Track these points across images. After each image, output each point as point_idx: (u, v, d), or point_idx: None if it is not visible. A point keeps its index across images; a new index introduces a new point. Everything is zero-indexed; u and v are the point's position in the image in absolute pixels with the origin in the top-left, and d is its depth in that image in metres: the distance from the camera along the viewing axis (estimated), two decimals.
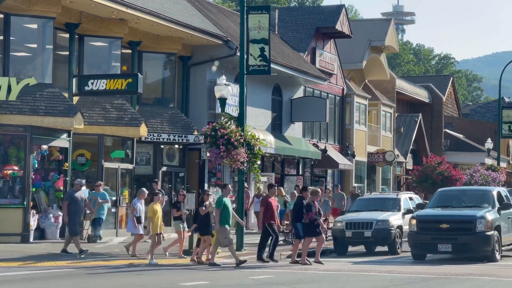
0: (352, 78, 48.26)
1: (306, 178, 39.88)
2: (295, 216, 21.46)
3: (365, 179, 46.76)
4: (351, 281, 17.23)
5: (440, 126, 60.64)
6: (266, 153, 29.93)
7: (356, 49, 46.93)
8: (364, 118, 46.05)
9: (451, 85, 67.64)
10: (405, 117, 55.28)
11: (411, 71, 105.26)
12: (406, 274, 18.97)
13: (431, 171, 43.37)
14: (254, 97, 34.16)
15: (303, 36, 41.08)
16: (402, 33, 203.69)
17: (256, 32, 25.99)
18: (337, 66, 43.29)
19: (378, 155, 46.96)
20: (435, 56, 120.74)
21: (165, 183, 31.03)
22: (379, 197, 28.98)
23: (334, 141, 43.31)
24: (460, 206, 24.06)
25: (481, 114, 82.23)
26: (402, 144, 53.10)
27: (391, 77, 52.55)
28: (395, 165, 50.54)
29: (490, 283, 17.26)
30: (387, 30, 49.12)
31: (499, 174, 46.76)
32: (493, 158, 55.40)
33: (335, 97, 43.19)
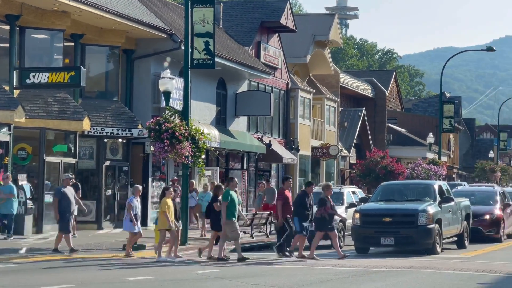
0: (297, 72, 48.43)
1: (251, 172, 39.92)
2: (294, 211, 21.17)
3: (309, 173, 47.02)
4: (295, 275, 17.30)
5: (383, 120, 61.32)
6: (210, 147, 29.89)
7: (300, 44, 47.10)
8: (308, 112, 46.28)
9: (394, 80, 68.45)
10: (349, 112, 55.73)
11: (355, 66, 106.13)
12: (350, 267, 19.13)
13: (374, 165, 43.86)
14: (198, 91, 34.05)
15: (248, 30, 41.07)
16: (346, 28, 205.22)
17: (201, 25, 25.89)
18: (281, 60, 43.39)
19: (322, 149, 47.25)
20: (379, 51, 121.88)
21: (108, 177, 30.74)
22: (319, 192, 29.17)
23: (279, 135, 43.44)
24: (402, 200, 24.39)
25: (423, 108, 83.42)
26: (346, 138, 53.53)
27: (335, 71, 52.90)
28: (339, 159, 50.94)
29: (431, 276, 17.50)
30: (331, 24, 49.41)
31: (440, 168, 47.46)
32: (435, 152, 56.23)
33: (279, 91, 43.30)
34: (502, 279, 17.30)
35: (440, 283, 16.39)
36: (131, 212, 21.45)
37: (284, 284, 15.69)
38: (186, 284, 15.56)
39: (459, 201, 25.87)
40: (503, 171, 77.97)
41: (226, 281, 16.06)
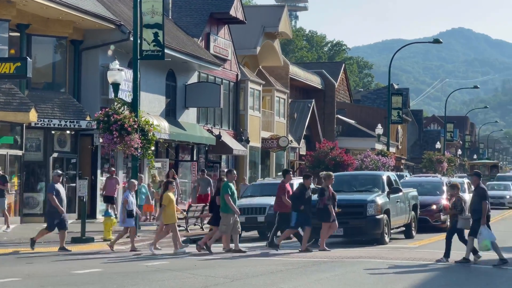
0: (246, 64, 48.43)
1: (201, 163, 39.83)
2: (292, 204, 20.85)
3: (259, 165, 47.11)
4: (246, 266, 17.33)
5: (332, 112, 61.69)
6: (160, 139, 29.72)
7: (250, 35, 47.10)
8: (258, 104, 46.33)
9: (343, 72, 68.88)
10: (299, 103, 55.94)
11: (304, 58, 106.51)
12: (300, 258, 19.25)
13: (324, 156, 44.07)
14: (148, 82, 33.82)
15: (197, 21, 40.91)
16: (296, 20, 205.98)
17: (150, 16, 25.73)
18: (231, 52, 43.33)
19: (272, 140, 47.36)
20: (328, 43, 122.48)
21: (56, 170, 30.38)
22: (272, 183, 29.20)
23: (229, 127, 43.41)
24: (351, 190, 24.59)
25: (372, 100, 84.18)
26: (295, 130, 53.73)
27: (284, 63, 53.02)
28: (288, 150, 51.12)
29: (379, 265, 17.70)
30: (280, 16, 49.48)
31: (388, 159, 47.92)
32: (383, 144, 56.79)
33: (229, 82, 43.26)
34: (447, 267, 17.57)
35: (388, 272, 16.59)
36: (125, 207, 21.30)
37: (234, 275, 15.71)
38: (135, 276, 15.48)
39: (407, 191, 26.18)
40: (449, 161, 79.12)
41: (176, 273, 16.02)
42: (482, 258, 18.73)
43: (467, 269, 17.38)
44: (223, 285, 14.28)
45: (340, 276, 15.82)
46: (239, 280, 15.04)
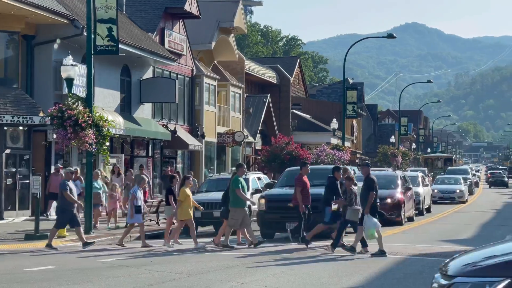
0: (201, 59, 48.31)
1: (156, 159, 39.66)
2: (326, 199, 20.42)
3: (215, 160, 47.06)
4: (202, 261, 17.32)
5: (288, 106, 61.85)
6: (115, 135, 29.52)
7: (205, 30, 46.97)
8: (213, 99, 46.26)
9: (298, 67, 69.10)
10: (254, 98, 55.97)
11: (260, 53, 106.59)
12: (256, 252, 19.27)
13: (280, 151, 44.17)
14: (102, 77, 33.55)
15: (152, 16, 40.67)
16: (250, 15, 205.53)
17: (104, 11, 25.51)
18: (186, 47, 43.19)
19: (227, 135, 47.34)
20: (283, 37, 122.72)
21: (9, 166, 29.99)
22: (228, 178, 29.20)
23: (184, 122, 43.27)
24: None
25: (327, 95, 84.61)
26: (251, 125, 53.77)
27: (240, 58, 53.01)
28: (244, 145, 51.15)
29: (336, 258, 17.82)
30: (235, 11, 49.44)
31: (343, 153, 48.20)
32: (338, 138, 57.13)
33: (184, 78, 43.11)
34: (402, 260, 17.76)
35: (344, 265, 16.70)
36: (133, 203, 21.14)
37: (189, 270, 15.68)
38: (90, 272, 15.36)
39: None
40: (404, 155, 79.91)
41: (131, 269, 15.94)
42: (426, 251, 18.96)
43: (423, 262, 17.57)
44: (179, 281, 14.24)
45: (296, 270, 15.89)
46: (195, 275, 15.02)
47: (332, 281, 14.40)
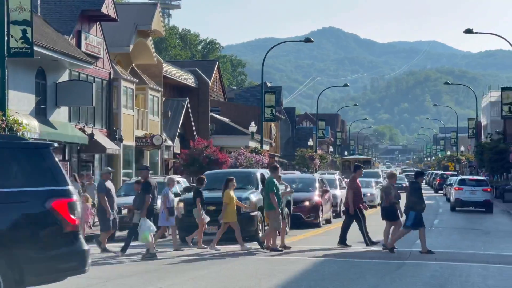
0: (119, 62, 47.85)
1: (73, 163, 39.09)
2: (413, 203, 20.06)
3: (133, 163, 46.67)
4: (121, 266, 17.16)
5: (206, 110, 61.83)
6: (30, 138, 28.90)
7: (122, 33, 46.54)
8: (131, 102, 45.87)
9: (216, 70, 69.14)
10: (173, 102, 55.76)
11: (178, 56, 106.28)
12: (175, 256, 19.21)
13: (198, 154, 44.11)
14: (16, 80, 32.87)
15: (68, 18, 40.07)
16: (169, 18, 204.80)
17: (17, 13, 25.04)
18: (103, 49, 42.70)
19: (146, 139, 47.01)
20: (201, 41, 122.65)
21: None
22: None
23: (102, 126, 42.78)
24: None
25: (245, 98, 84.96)
26: (169, 128, 53.54)
27: (158, 61, 52.73)
28: (163, 149, 50.89)
29: (254, 261, 17.93)
30: (153, 14, 49.15)
31: (262, 156, 48.48)
32: (257, 141, 57.42)
33: (102, 81, 42.63)
34: (320, 262, 17.97)
35: (263, 268, 16.81)
36: (166, 205, 20.66)
37: (108, 275, 15.52)
38: None
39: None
40: (321, 158, 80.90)
41: None
42: (357, 250, 19.26)
43: (339, 263, 17.83)
44: (97, 286, 14.09)
45: (214, 274, 15.91)
46: (113, 280, 14.88)
47: (250, 284, 14.48)
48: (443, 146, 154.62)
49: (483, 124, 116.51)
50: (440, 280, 15.44)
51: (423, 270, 16.79)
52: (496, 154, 53.99)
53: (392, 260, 18.38)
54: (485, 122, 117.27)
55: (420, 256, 19.42)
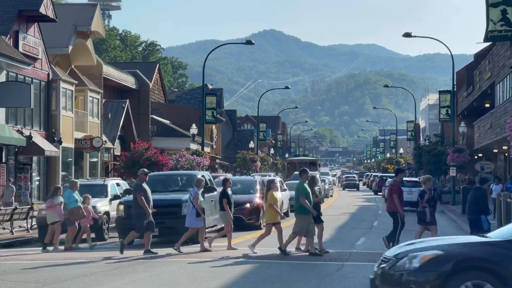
0: (58, 63, 47.24)
1: (10, 165, 38.44)
2: (482, 208, 19.93)
3: (72, 166, 46.11)
4: (59, 269, 16.94)
5: (147, 112, 61.48)
6: None
7: (61, 34, 45.96)
8: (70, 104, 45.31)
9: (157, 72, 68.80)
10: (113, 103, 55.28)
11: (118, 57, 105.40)
12: (115, 259, 19.04)
13: (139, 156, 43.83)
14: None
15: (5, 18, 39.38)
16: (109, 19, 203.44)
17: None
18: (42, 50, 42.10)
19: (85, 141, 46.50)
20: (142, 42, 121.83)
21: None
22: (86, 184, 28.74)
23: (40, 127, 42.17)
24: (166, 190, 24.64)
25: (186, 100, 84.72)
26: (110, 130, 53.06)
27: (98, 63, 52.21)
28: (103, 151, 50.41)
29: (195, 264, 17.86)
30: (93, 15, 48.66)
31: (203, 158, 48.39)
32: (198, 143, 57.27)
33: (40, 82, 42.02)
34: (260, 264, 18.00)
35: (203, 270, 16.77)
36: (198, 205, 20.42)
37: (46, 279, 15.31)
38: None
39: None
40: (262, 160, 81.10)
41: None
42: (302, 253, 19.34)
43: (281, 265, 17.88)
44: None
45: (155, 277, 15.81)
46: (51, 284, 14.67)
47: (190, 287, 14.42)
48: (383, 148, 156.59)
49: (422, 126, 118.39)
50: None
51: (363, 271, 16.95)
52: (434, 157, 54.83)
53: (332, 262, 18.52)
54: (423, 124, 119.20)
55: (359, 257, 19.61)
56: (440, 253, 11.08)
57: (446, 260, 10.97)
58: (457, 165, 47.89)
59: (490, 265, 10.91)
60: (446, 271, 10.87)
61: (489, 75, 47.87)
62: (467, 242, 11.67)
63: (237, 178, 36.65)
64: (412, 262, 11.09)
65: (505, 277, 10.81)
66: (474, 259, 11.03)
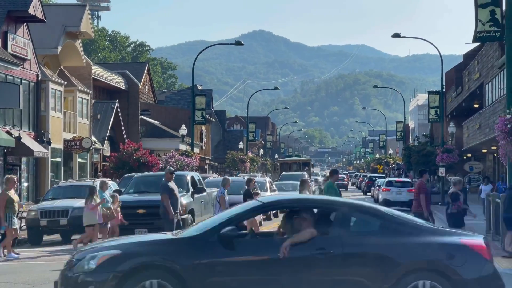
0: (47, 64, 47.14)
1: None
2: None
3: (61, 167, 46.02)
4: (46, 271, 16.90)
5: (136, 112, 61.42)
6: None
7: (51, 35, 45.86)
8: (60, 104, 45.23)
9: (147, 72, 68.74)
10: (102, 104, 55.19)
11: (108, 58, 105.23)
12: None
13: (128, 157, 43.76)
14: None
15: None
16: (98, 20, 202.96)
17: None
18: (31, 51, 42.01)
19: (75, 142, 46.42)
20: (131, 43, 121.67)
21: None
22: (76, 185, 28.74)
23: (29, 128, 42.08)
24: (156, 191, 24.56)
25: (176, 101, 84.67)
26: (99, 131, 52.98)
27: (87, 63, 52.13)
28: (92, 152, 50.32)
29: None
30: (82, 16, 48.58)
31: (192, 159, 48.35)
32: (187, 144, 57.26)
33: (29, 83, 41.92)
34: None
35: None
36: (224, 206, 20.15)
37: (34, 280, 15.26)
38: None
39: (211, 191, 26.55)
40: (252, 161, 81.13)
41: None
42: None
43: None
44: None
45: None
46: (40, 285, 14.61)
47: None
48: (372, 149, 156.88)
49: (411, 127, 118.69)
50: None
51: None
52: (423, 157, 54.99)
53: None
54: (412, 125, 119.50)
55: None
56: (117, 253, 10.80)
57: (122, 260, 10.69)
58: (446, 166, 48.06)
59: (168, 263, 10.65)
60: (123, 271, 10.59)
61: (478, 76, 48.06)
62: (147, 241, 11.46)
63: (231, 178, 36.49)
64: (90, 263, 10.75)
65: (180, 274, 10.59)
66: (151, 257, 10.75)
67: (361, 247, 10.92)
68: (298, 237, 10.84)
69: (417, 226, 11.24)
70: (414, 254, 10.88)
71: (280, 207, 12.95)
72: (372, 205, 11.94)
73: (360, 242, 10.97)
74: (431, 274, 10.78)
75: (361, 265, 10.78)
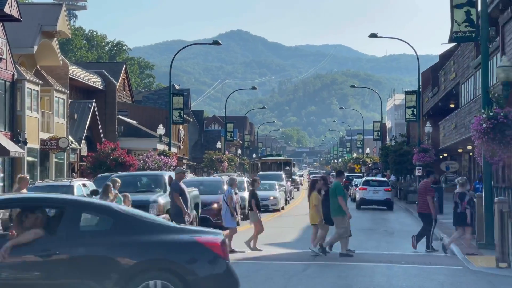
0: (23, 63, 46.82)
1: None
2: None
3: (38, 167, 45.74)
4: None
5: (114, 112, 61.19)
6: None
7: (27, 34, 45.56)
8: (36, 104, 44.95)
9: (124, 72, 68.51)
10: (79, 104, 54.93)
11: (84, 58, 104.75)
12: None
13: (105, 157, 43.59)
14: None
15: None
16: (75, 19, 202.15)
17: None
18: (6, 50, 41.71)
19: (51, 142, 46.16)
20: (108, 43, 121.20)
21: None
22: (52, 185, 28.52)
23: (5, 128, 41.79)
24: (134, 191, 24.52)
25: (153, 100, 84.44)
26: (76, 131, 52.72)
27: (64, 63, 51.85)
28: (69, 151, 50.06)
29: None
30: (58, 15, 48.30)
31: (170, 159, 48.25)
32: (165, 144, 57.14)
33: (5, 82, 41.63)
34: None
35: None
36: (231, 205, 20.26)
37: None
38: None
39: (189, 191, 26.49)
40: (230, 161, 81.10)
41: None
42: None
43: (247, 265, 17.90)
44: None
45: None
46: None
47: None
48: (350, 149, 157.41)
49: (388, 126, 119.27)
50: (346, 280, 15.71)
51: (329, 270, 17.05)
52: (400, 156, 55.27)
53: (299, 262, 18.59)
54: (389, 124, 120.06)
55: (325, 257, 19.70)
56: None
57: None
58: (422, 165, 48.33)
59: None
60: None
61: (454, 76, 48.38)
62: None
63: (203, 178, 36.59)
64: None
65: None
66: None
67: (91, 247, 10.47)
68: (21, 238, 10.44)
69: (151, 225, 10.83)
70: (146, 253, 10.46)
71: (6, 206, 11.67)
72: (104, 202, 11.56)
73: (89, 242, 10.51)
74: (163, 273, 10.44)
75: (89, 266, 10.36)
